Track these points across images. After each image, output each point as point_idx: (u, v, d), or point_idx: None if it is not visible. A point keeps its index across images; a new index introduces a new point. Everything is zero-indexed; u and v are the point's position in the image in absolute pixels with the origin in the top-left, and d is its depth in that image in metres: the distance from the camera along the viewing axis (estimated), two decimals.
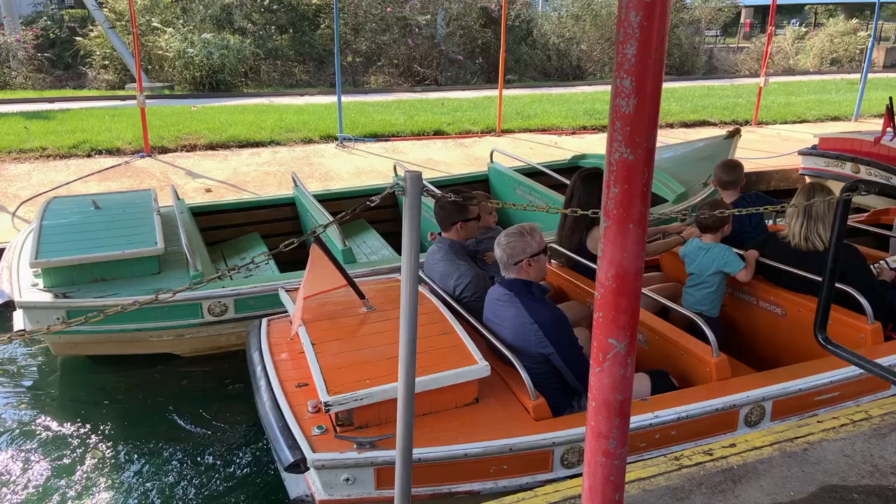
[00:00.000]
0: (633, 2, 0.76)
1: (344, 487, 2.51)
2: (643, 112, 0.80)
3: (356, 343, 2.87)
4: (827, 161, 7.55)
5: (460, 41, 18.90)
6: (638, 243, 0.84)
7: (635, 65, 0.79)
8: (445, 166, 8.39)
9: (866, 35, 22.25)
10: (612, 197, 0.83)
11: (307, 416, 2.65)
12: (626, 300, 0.85)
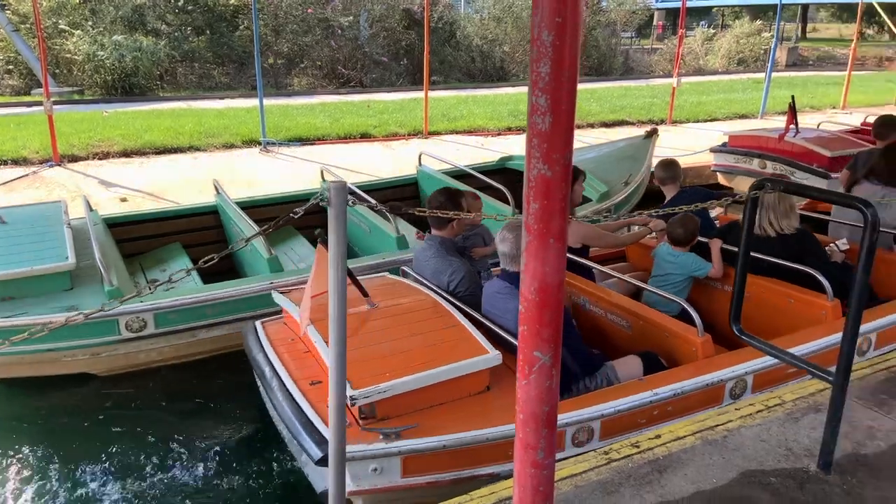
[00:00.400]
0: (545, 21, 0.77)
1: (371, 478, 2.58)
2: (559, 129, 0.81)
3: (367, 339, 2.95)
4: (737, 157, 7.94)
5: (384, 43, 18.83)
6: (559, 257, 0.85)
7: (549, 83, 0.80)
8: (373, 170, 8.33)
9: (769, 36, 23.56)
10: (532, 213, 0.85)
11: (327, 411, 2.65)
12: (550, 313, 0.86)
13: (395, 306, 3.22)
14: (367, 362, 2.74)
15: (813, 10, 38.75)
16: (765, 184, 2.73)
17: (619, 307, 3.60)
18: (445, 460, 2.63)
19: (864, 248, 2.35)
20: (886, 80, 18.84)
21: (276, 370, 3.01)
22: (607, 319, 3.69)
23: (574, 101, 0.83)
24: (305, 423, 2.63)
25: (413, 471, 2.62)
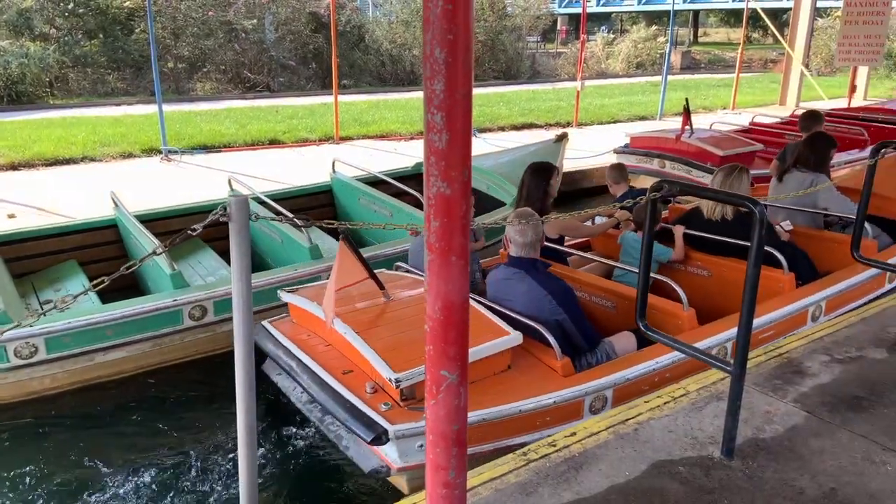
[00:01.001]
0: (437, 39, 0.76)
1: (417, 454, 2.79)
2: (456, 146, 0.81)
3: (393, 328, 3.13)
4: (638, 158, 8.27)
5: (291, 46, 18.45)
6: (462, 274, 0.84)
7: (444, 101, 0.79)
8: (284, 177, 8.13)
9: (664, 40, 24.77)
10: (433, 230, 0.83)
11: (367, 396, 2.90)
12: (455, 331, 0.86)
13: (410, 297, 3.43)
14: (401, 348, 2.94)
15: (703, 15, 41.07)
16: (662, 185, 2.86)
17: (604, 290, 3.89)
18: (483, 433, 2.87)
19: (755, 243, 2.49)
20: (771, 82, 20.18)
21: (306, 364, 3.20)
22: (592, 302, 3.94)
23: (470, 118, 0.83)
24: (351, 409, 2.84)
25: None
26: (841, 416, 2.97)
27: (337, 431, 3.05)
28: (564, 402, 3.04)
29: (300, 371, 3.19)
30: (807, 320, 3.98)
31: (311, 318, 3.43)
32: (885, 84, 19.83)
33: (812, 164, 4.74)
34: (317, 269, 4.55)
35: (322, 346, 3.33)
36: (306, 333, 3.47)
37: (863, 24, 11.95)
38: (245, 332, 1.84)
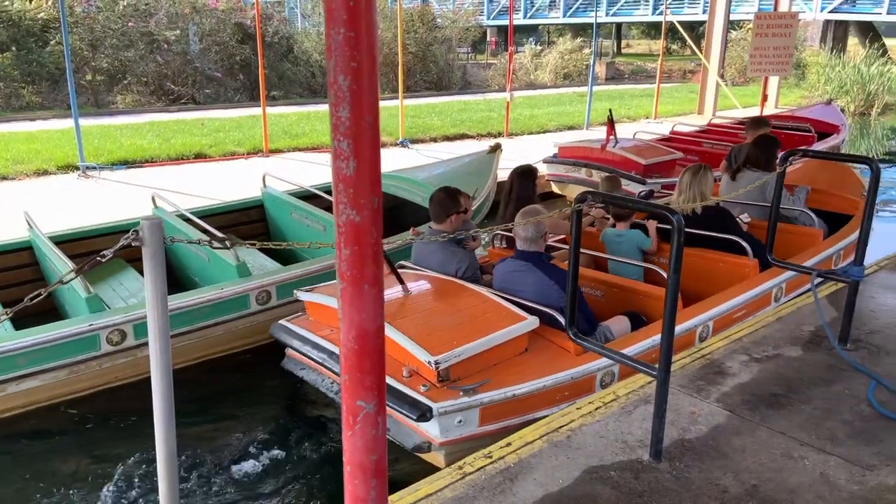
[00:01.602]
0: (340, 66, 0.75)
1: (456, 429, 3.06)
2: (364, 174, 0.80)
3: (419, 317, 3.41)
4: (566, 167, 8.47)
5: (217, 57, 18.02)
6: (376, 302, 0.83)
7: (350, 127, 0.78)
8: (212, 192, 7.91)
9: (589, 52, 25.50)
10: (345, 259, 0.82)
11: (405, 380, 3.14)
12: (371, 360, 0.84)
13: (427, 290, 3.71)
14: (433, 334, 3.20)
15: (626, 27, 42.53)
16: (586, 196, 2.93)
17: (593, 280, 4.21)
18: (511, 408, 3.16)
19: (674, 250, 2.57)
20: (689, 92, 21.05)
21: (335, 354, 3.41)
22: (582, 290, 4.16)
23: (378, 144, 0.82)
24: (393, 392, 3.08)
25: (487, 420, 3.14)
26: (760, 413, 3.10)
27: None
28: (580, 378, 3.37)
29: (333, 362, 3.44)
30: (770, 301, 4.42)
31: (331, 313, 3.69)
32: (794, 93, 21.01)
33: (762, 164, 5.14)
34: (245, 288, 4.44)
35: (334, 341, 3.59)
36: (328, 328, 3.73)
37: (772, 37, 12.63)
38: (163, 359, 1.77)
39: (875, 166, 3.61)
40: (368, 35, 0.77)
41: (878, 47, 24.30)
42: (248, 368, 4.55)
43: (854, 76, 20.39)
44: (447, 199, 4.10)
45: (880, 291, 4.59)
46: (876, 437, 2.89)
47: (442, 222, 4.13)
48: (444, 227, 4.09)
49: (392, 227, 5.94)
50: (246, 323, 4.53)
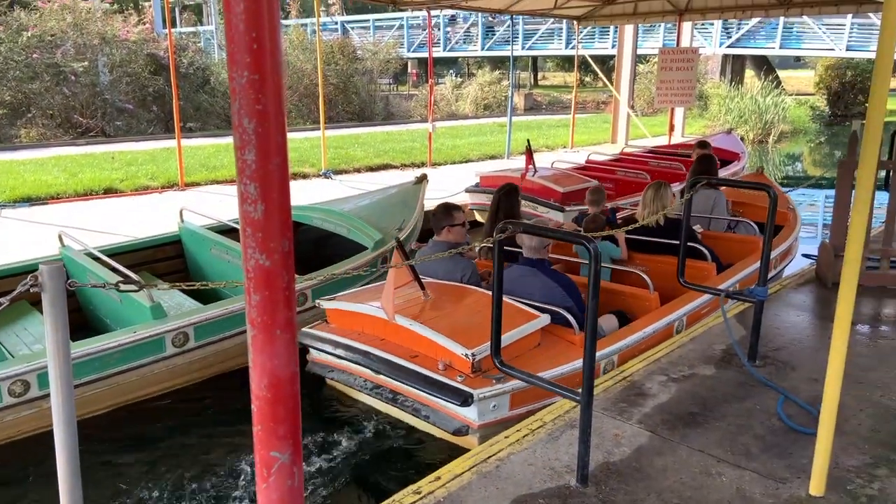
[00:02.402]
0: (245, 109, 0.74)
1: (490, 413, 3.46)
2: (273, 217, 0.78)
3: (446, 317, 3.78)
4: (488, 196, 8.60)
5: (128, 89, 17.44)
6: (289, 348, 0.81)
7: (256, 171, 0.76)
8: (124, 228, 7.57)
9: (508, 84, 26.24)
10: (255, 305, 0.80)
11: (441, 372, 3.51)
12: (285, 408, 0.81)
13: (444, 295, 4.06)
14: (463, 331, 3.58)
15: (541, 60, 44.07)
16: (507, 226, 2.98)
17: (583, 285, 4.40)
18: (535, 394, 3.57)
19: (591, 277, 2.64)
20: (603, 122, 21.97)
21: (376, 354, 3.77)
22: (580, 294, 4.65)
23: (287, 187, 0.80)
24: (435, 383, 3.46)
25: (515, 404, 3.57)
26: (679, 432, 3.20)
27: (413, 406, 3.68)
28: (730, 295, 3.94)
29: (370, 361, 3.76)
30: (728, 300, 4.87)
31: (356, 318, 4.08)
32: (698, 122, 22.26)
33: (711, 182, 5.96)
34: (160, 331, 4.24)
35: (377, 340, 3.91)
36: (355, 333, 4.03)
37: (676, 70, 13.38)
38: (66, 412, 1.66)
39: (772, 192, 3.85)
40: (274, 77, 0.76)
41: (772, 79, 26.17)
42: (166, 415, 4.33)
43: (752, 106, 21.85)
44: (441, 213, 4.50)
45: (784, 309, 4.87)
46: (787, 451, 3.04)
47: (440, 234, 4.51)
48: (443, 239, 4.47)
49: (317, 260, 5.86)
50: (162, 367, 4.33)
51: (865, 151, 2.36)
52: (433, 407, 3.58)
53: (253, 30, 0.72)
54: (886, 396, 3.54)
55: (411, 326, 3.68)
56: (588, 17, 14.62)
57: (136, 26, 18.27)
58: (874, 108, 2.29)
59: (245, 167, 0.76)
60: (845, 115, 27.58)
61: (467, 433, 3.50)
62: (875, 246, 5.25)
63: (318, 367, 4.23)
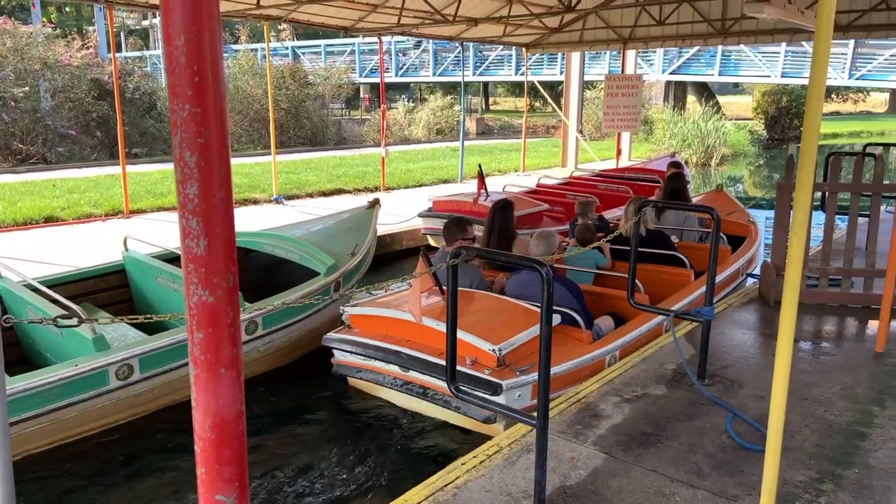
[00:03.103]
0: (186, 142, 0.72)
1: (516, 402, 3.80)
2: (217, 252, 0.76)
3: (470, 318, 4.08)
4: (441, 220, 8.63)
5: (71, 115, 16.96)
6: (234, 386, 0.78)
7: (199, 205, 0.74)
8: (66, 258, 7.30)
9: (460, 108, 26.53)
10: (197, 343, 0.77)
11: (469, 366, 3.86)
12: (230, 449, 0.79)
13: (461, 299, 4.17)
14: (486, 330, 3.97)
15: (492, 86, 44.76)
16: (460, 252, 2.99)
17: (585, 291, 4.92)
18: (559, 381, 3.96)
19: (544, 301, 2.66)
20: (553, 146, 22.38)
21: (407, 353, 4.14)
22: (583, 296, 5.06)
23: (231, 221, 0.78)
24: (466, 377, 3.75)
25: (535, 394, 3.64)
26: (633, 453, 3.24)
27: (443, 398, 4.04)
28: (594, 361, 4.23)
29: (401, 360, 4.15)
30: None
31: (381, 322, 4.46)
32: (644, 146, 22.90)
33: (682, 198, 6.66)
34: (103, 363, 4.08)
35: (403, 341, 4.26)
36: (380, 335, 4.38)
37: (622, 96, 13.78)
38: (0, 452, 1.57)
39: (715, 214, 3.97)
40: (217, 109, 0.74)
41: (712, 104, 27.19)
42: (109, 452, 4.15)
43: (694, 131, 22.61)
44: (455, 227, 4.95)
45: (730, 328, 5.00)
46: (737, 468, 3.10)
47: (451, 246, 4.88)
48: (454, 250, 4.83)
49: (269, 287, 5.75)
50: (105, 401, 4.16)
51: (802, 174, 2.46)
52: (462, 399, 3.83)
53: (195, 63, 0.71)
54: (829, 412, 3.66)
55: (438, 327, 4.00)
56: (536, 44, 14.96)
57: (79, 51, 17.85)
58: (809, 132, 2.39)
59: (187, 201, 0.74)
60: (782, 138, 28.82)
61: (495, 421, 3.92)
62: (814, 265, 5.45)
63: (343, 368, 4.64)
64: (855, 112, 44.68)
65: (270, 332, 5.14)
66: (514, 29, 13.53)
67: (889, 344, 4.51)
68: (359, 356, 4.44)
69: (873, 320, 4.92)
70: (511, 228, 5.65)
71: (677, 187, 6.69)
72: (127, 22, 36.73)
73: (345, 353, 4.54)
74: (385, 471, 4.00)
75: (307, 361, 5.49)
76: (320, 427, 4.60)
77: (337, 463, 4.09)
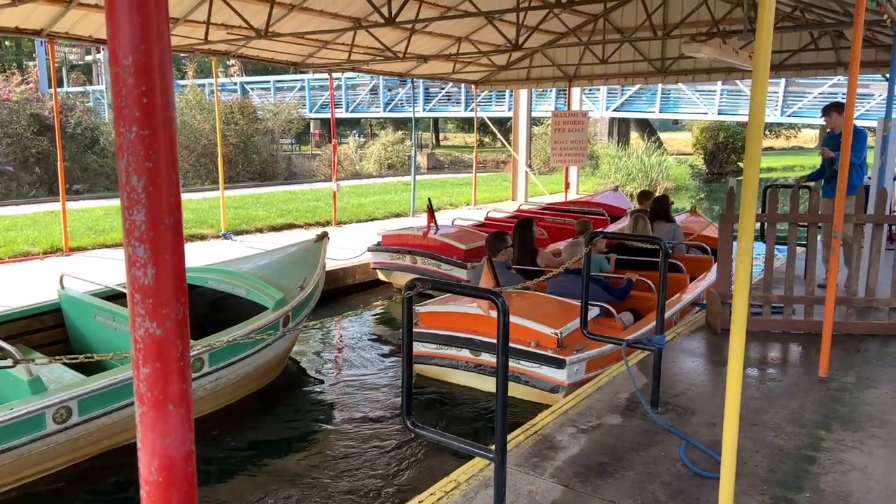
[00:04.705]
0: (133, 166, 0.69)
1: (574, 375, 4.80)
2: (165, 282, 0.72)
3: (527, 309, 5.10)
4: (391, 255, 8.59)
5: (9, 150, 16.39)
6: (183, 425, 0.74)
7: (147, 231, 0.71)
8: (0, 298, 6.95)
9: (410, 144, 26.74)
10: (144, 378, 0.72)
11: (533, 347, 4.85)
12: (179, 493, 0.73)
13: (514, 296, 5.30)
14: (545, 318, 4.92)
15: (442, 122, 45.34)
16: (414, 284, 2.96)
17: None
18: (599, 363, 4.94)
19: (500, 332, 2.65)
20: (503, 180, 22.71)
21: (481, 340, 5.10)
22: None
23: (181, 248, 0.75)
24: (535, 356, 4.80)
25: (590, 369, 4.93)
26: (591, 484, 3.22)
27: (513, 375, 4.72)
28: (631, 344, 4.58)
29: (475, 346, 5.11)
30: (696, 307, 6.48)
31: (448, 317, 5.40)
32: (591, 180, 23.47)
33: (666, 217, 7.74)
34: (39, 406, 3.86)
35: (471, 331, 5.17)
36: (449, 327, 5.28)
37: (569, 132, 14.13)
38: None
39: (663, 244, 4.06)
40: (166, 132, 0.71)
41: (654, 140, 28.14)
42: (47, 501, 3.91)
43: (639, 165, 23.32)
44: (498, 240, 5.94)
45: (680, 356, 5.09)
46: (693, 496, 3.11)
47: (497, 255, 5.82)
48: (500, 259, 5.83)
49: (216, 323, 5.58)
50: (41, 446, 3.92)
51: (745, 206, 2.54)
52: (531, 374, 4.90)
53: (143, 83, 0.68)
54: (779, 437, 3.73)
55: None
56: (485, 81, 15.27)
57: (18, 86, 17.34)
58: (750, 165, 2.48)
59: (134, 228, 0.70)
60: (720, 172, 29.95)
61: (559, 391, 4.78)
62: (756, 293, 5.62)
63: (416, 359, 5.33)
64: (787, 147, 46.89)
65: (217, 368, 4.98)
66: (464, 66, 13.79)
67: (831, 369, 4.66)
68: (432, 345, 5.35)
69: (816, 347, 5.08)
70: (531, 242, 6.46)
71: (661, 209, 7.85)
72: (69, 57, 35.96)
73: (417, 343, 5.29)
74: None
75: (255, 398, 5.34)
76: (275, 465, 4.46)
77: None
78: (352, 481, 4.18)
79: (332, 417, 5.28)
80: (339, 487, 4.12)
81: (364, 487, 4.13)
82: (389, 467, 4.38)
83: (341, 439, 4.81)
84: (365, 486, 4.13)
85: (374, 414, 5.25)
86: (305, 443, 4.88)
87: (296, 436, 5.04)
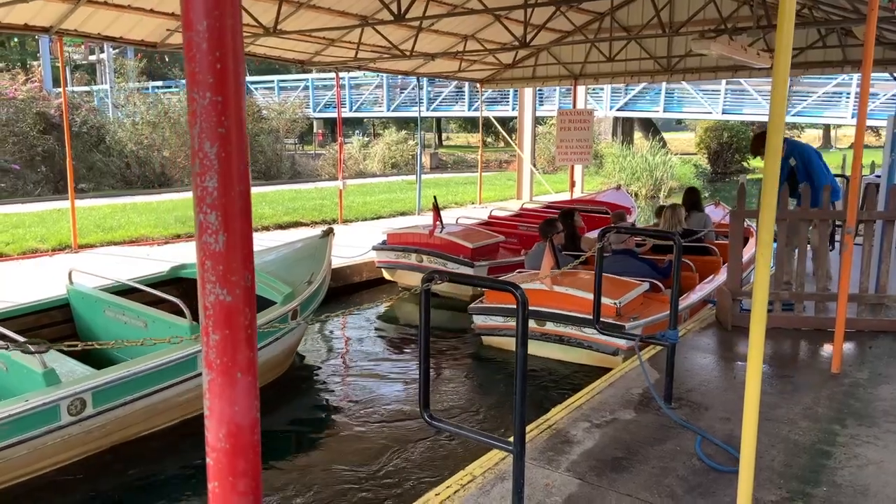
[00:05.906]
0: (206, 132, 0.69)
1: (630, 341, 4.96)
2: (235, 248, 0.72)
3: (586, 285, 5.47)
4: (397, 254, 8.57)
5: (14, 149, 16.43)
6: (250, 392, 0.74)
7: (219, 198, 0.71)
8: (10, 294, 6.97)
9: (414, 143, 26.72)
10: (213, 345, 0.72)
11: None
12: (245, 460, 0.74)
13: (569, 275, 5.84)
14: (605, 292, 4.73)
15: (445, 122, 45.35)
16: (433, 276, 2.97)
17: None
18: (654, 328, 5.38)
19: (520, 324, 2.65)
20: (508, 179, 22.71)
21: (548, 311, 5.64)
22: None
23: (249, 217, 0.75)
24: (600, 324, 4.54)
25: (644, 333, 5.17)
26: (607, 478, 3.22)
27: (577, 342, 5.60)
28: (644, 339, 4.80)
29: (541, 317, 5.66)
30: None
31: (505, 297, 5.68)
32: (596, 179, 23.45)
33: (697, 207, 8.12)
34: (54, 398, 3.87)
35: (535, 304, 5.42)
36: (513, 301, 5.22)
37: (574, 131, 14.12)
38: None
39: (677, 240, 4.06)
40: (237, 99, 0.72)
41: (658, 140, 28.10)
42: (62, 493, 3.92)
43: (643, 165, 23.30)
44: (552, 226, 6.54)
45: (691, 352, 5.09)
46: (709, 490, 3.11)
47: (545, 240, 6.25)
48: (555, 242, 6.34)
49: None
50: (56, 438, 3.93)
51: (765, 198, 2.53)
52: (594, 340, 5.43)
53: (217, 49, 0.68)
54: (794, 432, 3.73)
55: (567, 291, 5.58)
56: (491, 79, 15.27)
57: (24, 85, 17.38)
58: (771, 156, 2.47)
59: (206, 195, 0.71)
60: (724, 172, 29.91)
61: (617, 354, 5.38)
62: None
63: (484, 331, 6.18)
64: None
65: None
66: (470, 64, 13.79)
67: (844, 365, 4.65)
68: (500, 318, 5.91)
69: (827, 343, 5.07)
70: (574, 230, 7.08)
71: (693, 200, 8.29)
72: (73, 56, 36.03)
73: (486, 317, 5.99)
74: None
75: (265, 391, 5.35)
76: (289, 458, 4.46)
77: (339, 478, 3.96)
78: (367, 474, 4.19)
79: (344, 410, 5.29)
80: (354, 479, 4.12)
81: (379, 480, 4.14)
82: (405, 460, 4.38)
83: (355, 433, 4.81)
84: (380, 479, 4.14)
85: (387, 407, 5.26)
86: (319, 435, 4.89)
87: (308, 429, 5.05)
